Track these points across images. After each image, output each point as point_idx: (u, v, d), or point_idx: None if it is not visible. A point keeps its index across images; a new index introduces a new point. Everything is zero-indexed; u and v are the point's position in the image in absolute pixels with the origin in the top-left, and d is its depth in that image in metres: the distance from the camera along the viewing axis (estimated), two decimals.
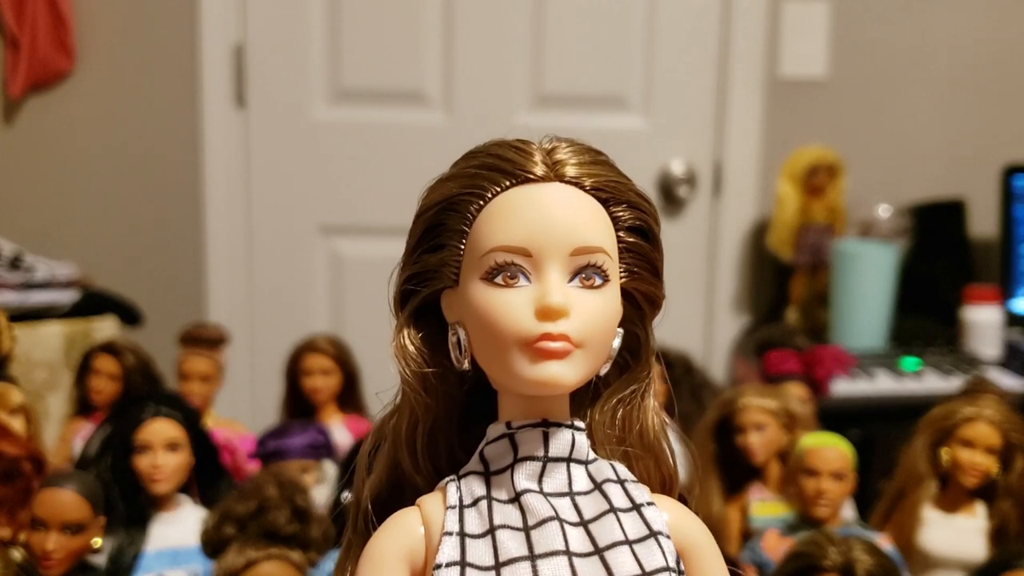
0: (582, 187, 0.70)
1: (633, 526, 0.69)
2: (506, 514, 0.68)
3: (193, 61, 2.57)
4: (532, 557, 0.66)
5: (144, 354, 1.93)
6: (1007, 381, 2.24)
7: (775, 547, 1.57)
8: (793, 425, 1.76)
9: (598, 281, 0.69)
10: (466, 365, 0.71)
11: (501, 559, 0.66)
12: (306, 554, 1.43)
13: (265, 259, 2.67)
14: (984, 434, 1.59)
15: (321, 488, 1.74)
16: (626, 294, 0.72)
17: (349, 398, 2.02)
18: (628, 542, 0.68)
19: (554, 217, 0.68)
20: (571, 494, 0.70)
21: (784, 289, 2.62)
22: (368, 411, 2.05)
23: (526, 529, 0.67)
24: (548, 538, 0.67)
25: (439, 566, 0.67)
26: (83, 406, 1.92)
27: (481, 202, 0.69)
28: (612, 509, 0.69)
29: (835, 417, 2.01)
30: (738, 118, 2.65)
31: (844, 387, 2.22)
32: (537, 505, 0.68)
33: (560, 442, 0.70)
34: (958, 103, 2.71)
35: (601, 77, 2.64)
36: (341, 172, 2.65)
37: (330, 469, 1.78)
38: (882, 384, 2.28)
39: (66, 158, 2.61)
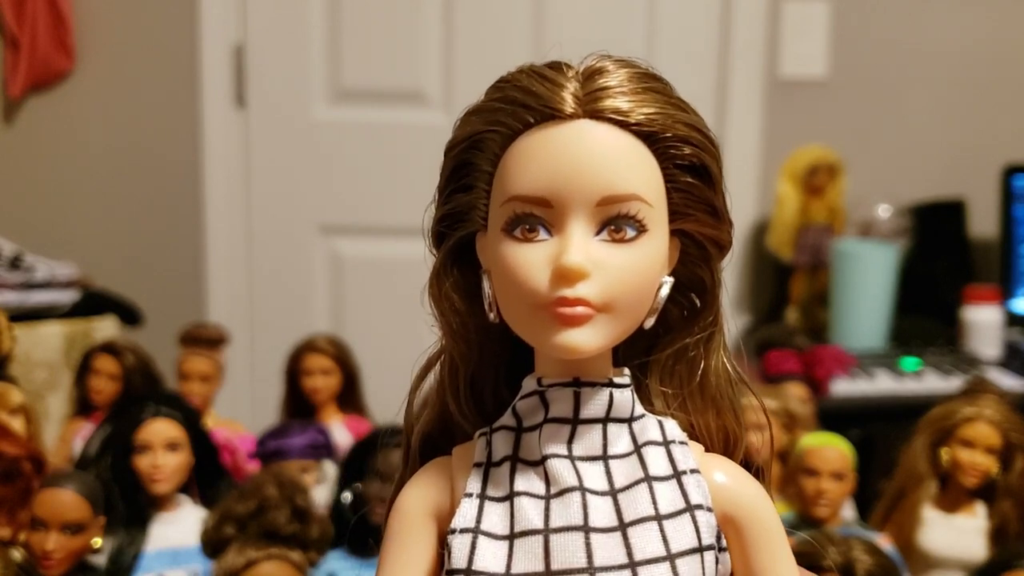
0: (620, 122, 0.62)
1: (668, 498, 0.63)
2: (529, 480, 0.63)
3: (193, 61, 2.57)
4: (547, 530, 0.61)
5: (144, 354, 1.93)
6: (1007, 381, 2.24)
7: None
8: (793, 425, 1.76)
9: (630, 233, 0.61)
10: (493, 317, 0.64)
11: (516, 529, 0.62)
12: (306, 554, 1.43)
13: (265, 259, 2.67)
14: (984, 434, 1.59)
15: (321, 488, 1.74)
16: (688, 234, 0.65)
17: (349, 398, 2.02)
18: (658, 517, 0.62)
19: (578, 163, 0.60)
20: (605, 458, 0.64)
21: (784, 289, 2.62)
22: (368, 411, 2.05)
23: (547, 497, 0.63)
24: (567, 510, 0.62)
25: (453, 531, 0.63)
26: (83, 406, 1.91)
27: (504, 141, 0.63)
28: (647, 478, 0.63)
29: (835, 417, 2.01)
30: (738, 118, 2.65)
31: (844, 387, 2.22)
32: (561, 472, 0.63)
33: (595, 403, 0.64)
34: (958, 103, 2.71)
35: None
36: (341, 172, 2.65)
37: (330, 469, 1.78)
38: (882, 384, 2.27)
39: (66, 158, 2.61)
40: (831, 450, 1.61)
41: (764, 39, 2.63)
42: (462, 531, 0.63)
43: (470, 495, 0.64)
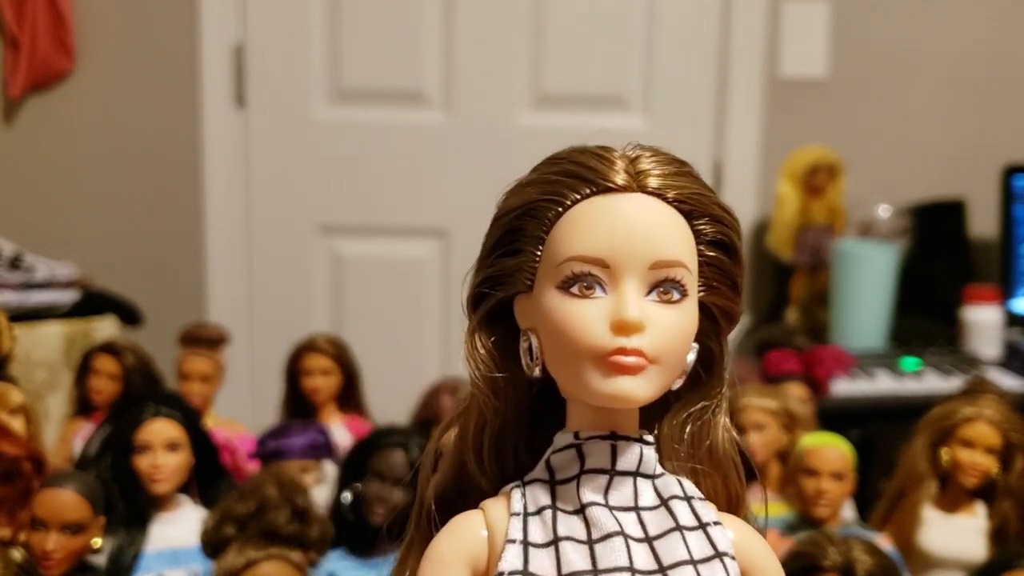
0: (664, 198, 0.69)
1: (698, 545, 0.68)
2: (570, 526, 0.67)
3: (193, 61, 2.57)
4: (595, 572, 0.66)
5: (144, 354, 1.93)
6: (1007, 381, 2.24)
7: (775, 547, 1.57)
8: (793, 425, 1.76)
9: (676, 296, 0.68)
10: (537, 372, 0.69)
11: (564, 571, 0.66)
12: (306, 554, 1.43)
13: (265, 259, 2.67)
14: (984, 434, 1.59)
15: (321, 488, 1.74)
16: (702, 307, 0.71)
17: (349, 398, 2.02)
18: (693, 562, 0.67)
19: (634, 228, 0.67)
20: (636, 509, 0.69)
21: (784, 289, 2.62)
22: (368, 411, 2.05)
23: (590, 543, 0.67)
24: (612, 553, 0.66)
25: (501, 574, 0.66)
26: (83, 406, 1.91)
27: (560, 209, 0.68)
28: (678, 527, 0.68)
29: (835, 417, 2.01)
30: (738, 118, 2.65)
31: (844, 387, 2.22)
32: (602, 518, 0.67)
33: (628, 456, 0.69)
34: (958, 103, 2.71)
35: (601, 77, 2.64)
36: (341, 172, 2.65)
37: (330, 469, 1.78)
38: (882, 384, 2.27)
39: (66, 158, 2.61)
40: (831, 450, 1.61)
41: (764, 39, 2.63)
42: (511, 573, 0.66)
43: (513, 541, 0.67)
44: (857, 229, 2.53)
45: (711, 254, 0.70)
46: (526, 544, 0.67)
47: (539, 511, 0.68)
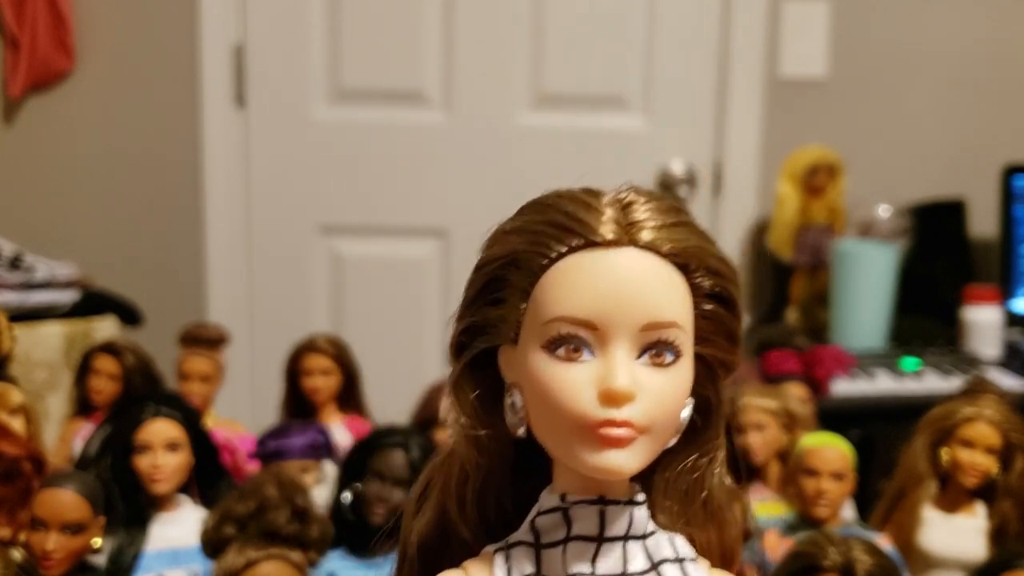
0: (659, 252, 0.64)
1: None
2: None
3: (193, 61, 2.57)
4: None
5: (144, 354, 1.93)
6: (1007, 381, 2.24)
7: (775, 547, 1.57)
8: (793, 425, 1.76)
9: (669, 358, 0.63)
10: (522, 432, 0.66)
11: None
12: (306, 554, 1.43)
13: (265, 259, 2.67)
14: (984, 434, 1.59)
15: (321, 488, 1.74)
16: (697, 356, 0.67)
17: (349, 398, 2.02)
18: None
19: (624, 289, 0.62)
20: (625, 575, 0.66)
21: (784, 289, 2.62)
22: (368, 411, 2.05)
23: None
24: None
25: None
26: (83, 406, 1.91)
27: (545, 261, 0.64)
28: None
29: (835, 417, 2.01)
30: (738, 118, 2.65)
31: (844, 387, 2.22)
32: None
33: (618, 521, 0.66)
34: (958, 103, 2.71)
35: (601, 77, 2.64)
36: (341, 172, 2.65)
37: (330, 469, 1.78)
38: (882, 384, 2.27)
39: (66, 158, 2.61)
40: (831, 450, 1.61)
41: (764, 39, 2.63)
42: None
43: None
44: (857, 229, 2.53)
45: (708, 307, 0.66)
46: None
47: None
